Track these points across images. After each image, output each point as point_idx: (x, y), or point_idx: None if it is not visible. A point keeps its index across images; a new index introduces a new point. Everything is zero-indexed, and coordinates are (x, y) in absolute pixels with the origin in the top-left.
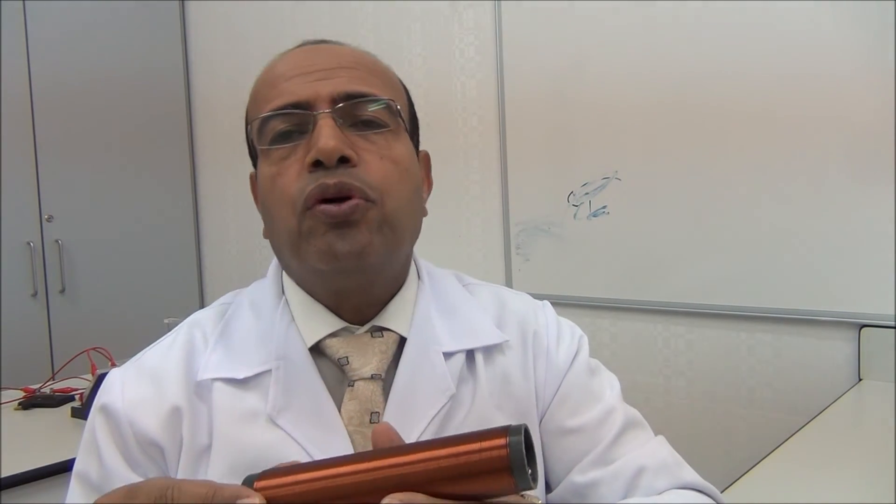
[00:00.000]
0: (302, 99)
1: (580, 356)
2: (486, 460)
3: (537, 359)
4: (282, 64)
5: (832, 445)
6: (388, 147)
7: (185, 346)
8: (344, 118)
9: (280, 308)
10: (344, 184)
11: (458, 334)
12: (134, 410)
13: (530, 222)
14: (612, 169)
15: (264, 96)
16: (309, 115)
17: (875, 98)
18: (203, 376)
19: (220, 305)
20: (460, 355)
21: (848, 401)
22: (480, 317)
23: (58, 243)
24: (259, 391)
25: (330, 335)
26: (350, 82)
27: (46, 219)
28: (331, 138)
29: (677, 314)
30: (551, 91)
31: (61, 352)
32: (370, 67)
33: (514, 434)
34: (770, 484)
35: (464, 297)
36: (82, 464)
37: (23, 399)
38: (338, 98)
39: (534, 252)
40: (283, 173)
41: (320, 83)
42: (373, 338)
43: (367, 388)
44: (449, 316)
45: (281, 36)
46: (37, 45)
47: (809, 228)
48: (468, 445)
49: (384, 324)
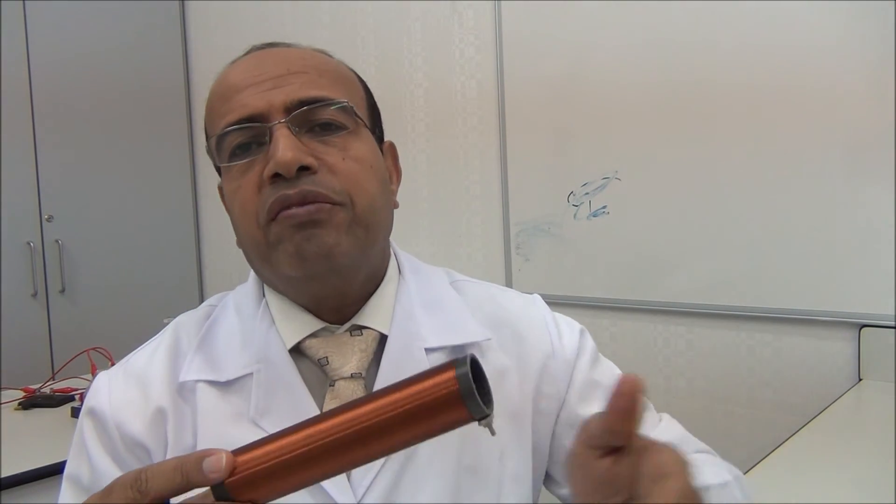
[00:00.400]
0: (255, 111)
1: (584, 346)
2: (438, 398)
3: (537, 356)
4: (232, 74)
5: (832, 445)
6: (349, 148)
7: (170, 349)
8: (300, 125)
9: (260, 311)
10: (306, 191)
11: (441, 330)
12: (120, 413)
13: (530, 222)
14: (612, 169)
15: (218, 111)
16: (264, 128)
17: (875, 98)
18: (186, 378)
19: (205, 307)
20: (443, 351)
21: (848, 401)
22: (463, 314)
23: (58, 243)
24: (242, 394)
25: (310, 336)
26: (302, 88)
27: (46, 219)
28: (288, 149)
29: (677, 314)
30: (551, 91)
31: (61, 352)
32: (320, 69)
33: (460, 366)
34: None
35: (449, 293)
36: (73, 466)
37: (23, 399)
38: (291, 106)
39: (534, 252)
40: (244, 187)
41: (272, 92)
42: (352, 336)
43: (347, 387)
44: (432, 311)
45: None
46: (37, 44)
47: (809, 228)
48: (417, 386)
49: (363, 322)
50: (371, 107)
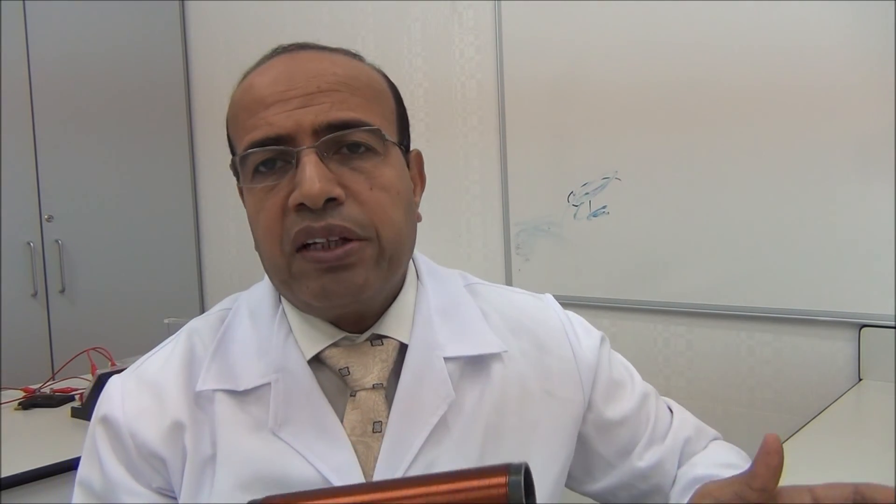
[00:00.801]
0: (283, 132)
1: (603, 348)
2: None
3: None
4: (260, 84)
5: (832, 445)
6: (377, 174)
7: (185, 356)
8: (327, 149)
9: (277, 318)
10: (332, 226)
11: (459, 338)
12: (135, 422)
13: (530, 222)
14: (612, 169)
15: (243, 124)
16: (291, 152)
17: (874, 98)
18: (203, 387)
19: (219, 311)
20: (461, 360)
21: (848, 401)
22: (481, 323)
23: (58, 243)
24: (260, 403)
25: (329, 345)
26: (332, 109)
27: (46, 219)
28: (315, 180)
29: (677, 314)
30: (551, 91)
31: (61, 352)
32: (352, 85)
33: (514, 473)
34: None
35: (466, 300)
36: (85, 472)
37: (23, 399)
38: (320, 129)
39: (534, 252)
40: (267, 209)
41: (300, 112)
42: (373, 346)
43: (369, 397)
44: (450, 319)
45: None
46: (37, 44)
47: (809, 228)
48: (468, 482)
49: (384, 331)
50: (400, 117)
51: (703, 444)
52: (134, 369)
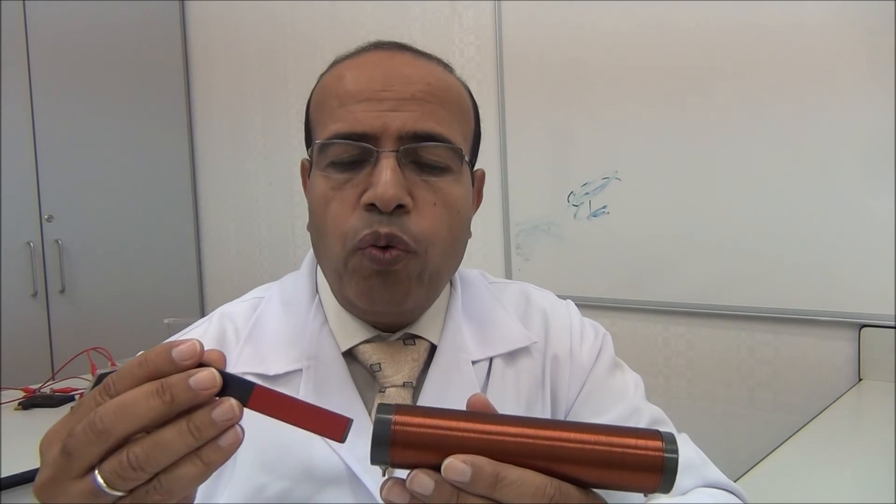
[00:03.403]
0: (369, 131)
1: (603, 355)
2: (641, 457)
3: (557, 359)
4: (355, 76)
5: (832, 445)
6: (445, 192)
7: (218, 338)
8: (406, 156)
9: (314, 308)
10: (394, 236)
11: (486, 342)
12: None
13: (530, 222)
14: (612, 169)
15: (331, 112)
16: (372, 151)
17: (875, 99)
18: (234, 370)
19: (252, 299)
20: (486, 362)
21: (848, 401)
22: (508, 321)
23: (58, 243)
24: (289, 388)
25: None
26: (421, 119)
27: (46, 219)
28: (390, 185)
29: (677, 314)
30: (551, 91)
31: (61, 352)
32: (443, 98)
33: (669, 442)
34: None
35: (492, 300)
36: None
37: (23, 399)
38: (405, 137)
39: (534, 252)
40: (338, 201)
41: (390, 115)
42: (405, 345)
43: (398, 395)
44: (478, 323)
45: (281, 36)
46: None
47: (809, 229)
48: (625, 439)
49: (417, 332)
50: (476, 135)
51: (687, 481)
52: None
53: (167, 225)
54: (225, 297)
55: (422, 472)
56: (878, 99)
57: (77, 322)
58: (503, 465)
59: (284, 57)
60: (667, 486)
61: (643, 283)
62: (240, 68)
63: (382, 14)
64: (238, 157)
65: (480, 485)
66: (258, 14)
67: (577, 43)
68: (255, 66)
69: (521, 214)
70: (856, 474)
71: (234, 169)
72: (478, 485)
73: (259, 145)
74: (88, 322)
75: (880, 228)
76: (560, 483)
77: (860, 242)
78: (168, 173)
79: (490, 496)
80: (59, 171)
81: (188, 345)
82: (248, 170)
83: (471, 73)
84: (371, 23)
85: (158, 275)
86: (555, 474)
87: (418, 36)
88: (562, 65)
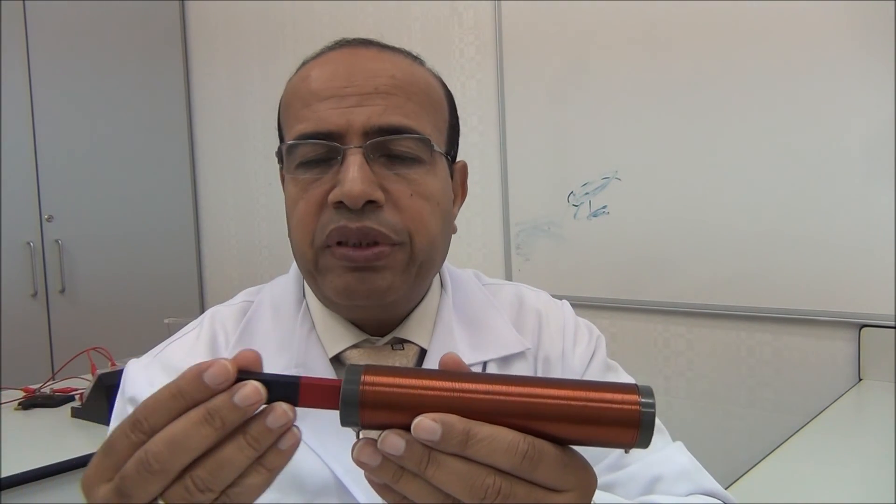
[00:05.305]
0: (333, 129)
1: (597, 357)
2: (616, 412)
3: (549, 361)
4: (318, 76)
5: (832, 445)
6: (420, 182)
7: (209, 344)
8: (374, 152)
9: (301, 313)
10: (367, 229)
11: (479, 345)
12: None
13: (530, 222)
14: (612, 169)
15: (295, 114)
16: (339, 149)
17: (875, 99)
18: None
19: (242, 303)
20: (479, 367)
21: (848, 401)
22: (502, 325)
23: (58, 243)
24: None
25: (351, 346)
26: (385, 113)
27: (46, 219)
28: (357, 182)
29: (677, 314)
30: (551, 91)
31: (61, 352)
32: (409, 90)
33: (646, 395)
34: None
35: (485, 303)
36: None
37: (23, 399)
38: (371, 131)
39: (534, 252)
40: (305, 201)
41: (354, 111)
42: (393, 350)
43: None
44: (470, 326)
45: (281, 35)
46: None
47: (809, 228)
48: (600, 393)
49: (405, 335)
50: (452, 127)
51: (680, 488)
52: (155, 355)
53: (167, 225)
54: (225, 297)
55: (392, 432)
56: (879, 99)
57: (77, 322)
58: (474, 423)
59: (285, 57)
60: (644, 440)
61: (643, 282)
62: (240, 69)
63: (382, 14)
64: (238, 157)
65: (451, 443)
66: (258, 15)
67: (577, 43)
68: (255, 67)
69: (521, 214)
70: (856, 474)
71: (234, 169)
72: (448, 443)
73: (259, 145)
74: (88, 322)
75: (880, 228)
76: (534, 439)
77: (860, 242)
78: (168, 173)
79: (462, 454)
80: (59, 171)
81: (218, 368)
82: (248, 169)
83: (471, 73)
84: (371, 23)
85: (158, 275)
86: (530, 431)
87: (418, 36)
88: (562, 65)
